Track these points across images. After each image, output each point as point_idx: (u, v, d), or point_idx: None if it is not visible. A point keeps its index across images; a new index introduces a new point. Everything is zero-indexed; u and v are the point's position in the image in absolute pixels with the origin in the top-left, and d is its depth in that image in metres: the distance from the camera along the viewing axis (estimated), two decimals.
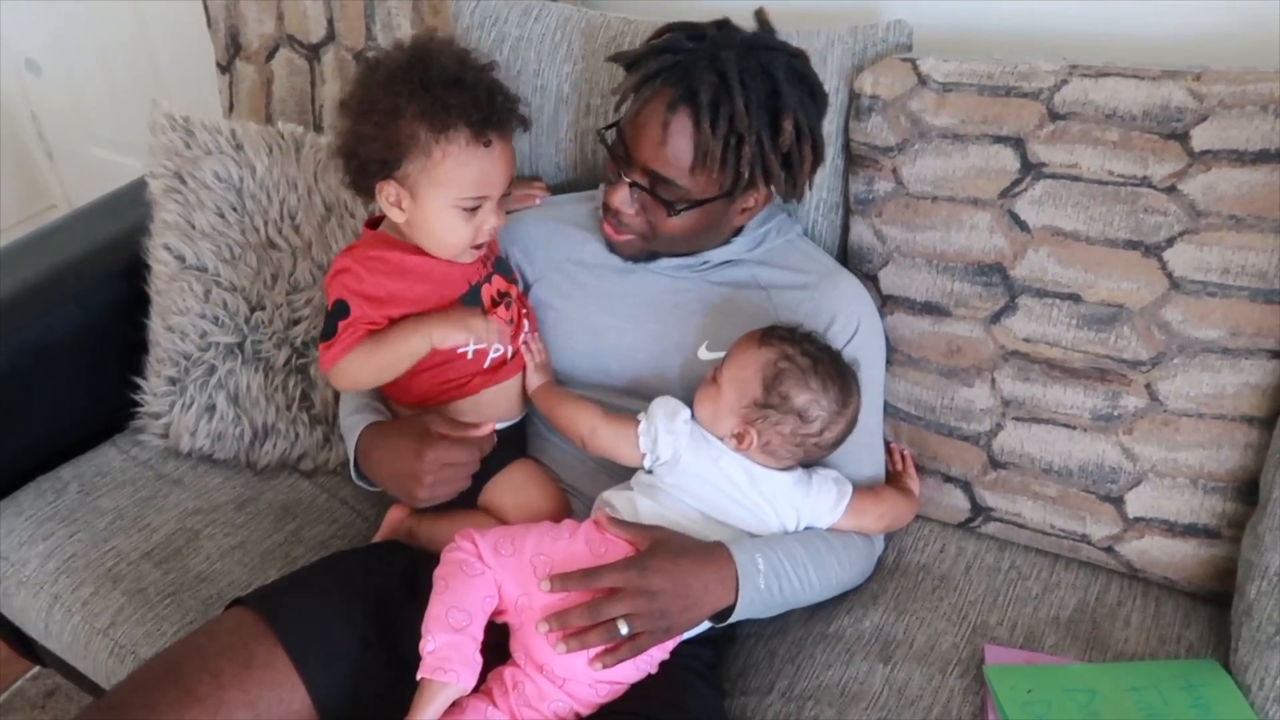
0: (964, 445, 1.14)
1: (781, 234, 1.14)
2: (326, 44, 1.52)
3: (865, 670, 1.02)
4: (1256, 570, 0.93)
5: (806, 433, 0.96)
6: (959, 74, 1.09)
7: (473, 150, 0.96)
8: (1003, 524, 1.15)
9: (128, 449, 1.38)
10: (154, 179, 1.34)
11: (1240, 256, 0.97)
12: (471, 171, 0.97)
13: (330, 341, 1.00)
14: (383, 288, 1.01)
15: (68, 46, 2.33)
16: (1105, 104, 1.02)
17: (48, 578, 1.21)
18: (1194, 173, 0.98)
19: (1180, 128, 0.99)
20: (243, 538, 1.24)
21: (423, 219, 0.99)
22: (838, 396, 0.96)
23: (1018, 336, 1.08)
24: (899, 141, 1.11)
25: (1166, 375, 1.02)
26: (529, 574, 0.92)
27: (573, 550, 0.94)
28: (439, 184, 0.97)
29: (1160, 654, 1.02)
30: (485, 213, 1.00)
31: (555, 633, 0.89)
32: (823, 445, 0.98)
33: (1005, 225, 1.07)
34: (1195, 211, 0.98)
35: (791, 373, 0.95)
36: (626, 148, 1.02)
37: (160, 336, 1.34)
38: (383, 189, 0.99)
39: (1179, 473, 1.03)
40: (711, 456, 0.97)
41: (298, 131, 1.34)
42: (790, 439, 0.96)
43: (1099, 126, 1.02)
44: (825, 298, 1.08)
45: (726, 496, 0.97)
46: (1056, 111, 1.04)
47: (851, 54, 1.16)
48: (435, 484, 1.01)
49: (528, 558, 0.93)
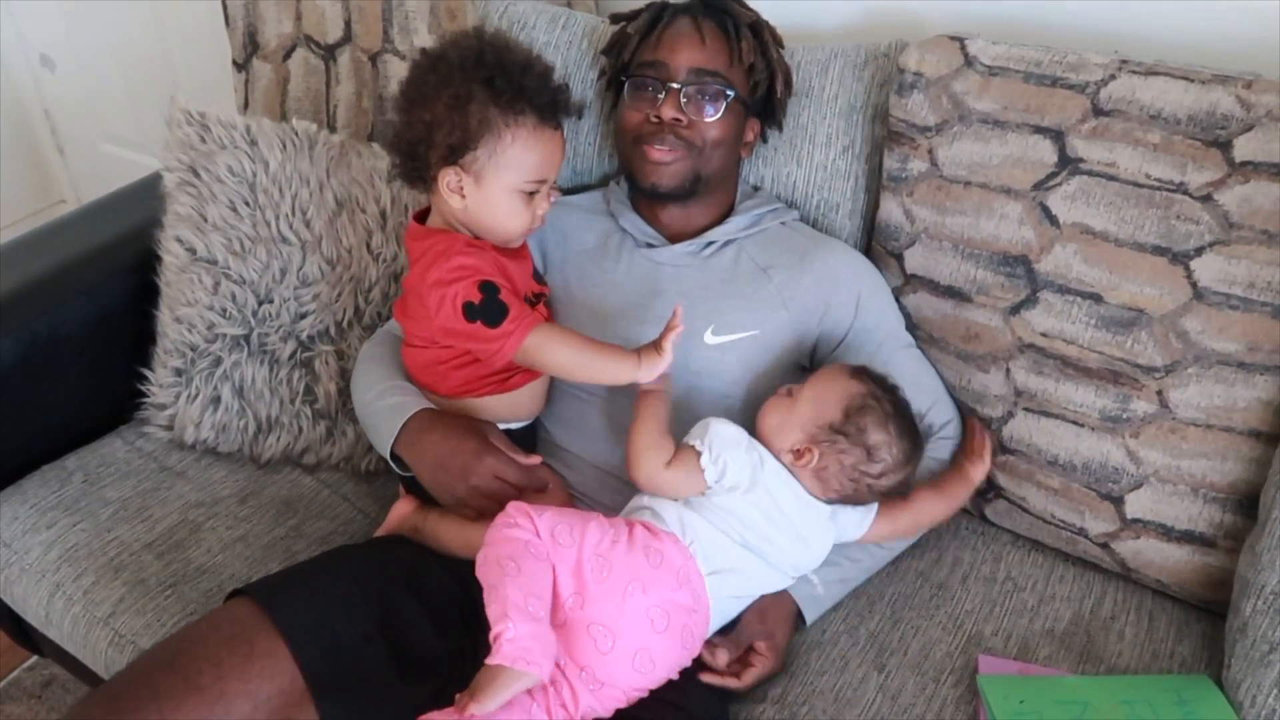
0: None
1: (777, 216, 1.18)
2: (343, 45, 1.54)
3: (859, 677, 1.02)
4: (1253, 588, 0.94)
5: (867, 470, 0.97)
6: (1007, 58, 1.09)
7: (539, 133, 0.99)
8: (1009, 504, 1.17)
9: (132, 440, 1.38)
10: (169, 172, 1.35)
11: (1268, 272, 0.97)
12: (537, 155, 1.00)
13: (509, 318, 0.96)
14: (501, 271, 1.01)
15: (82, 42, 2.34)
16: (1151, 104, 1.02)
17: (50, 566, 1.21)
18: (1232, 183, 0.98)
19: (1224, 136, 0.99)
20: (244, 531, 1.25)
21: (486, 203, 1.00)
22: (908, 450, 0.98)
23: (1035, 330, 1.09)
24: (938, 122, 1.11)
25: (1179, 384, 1.02)
26: (585, 573, 0.92)
27: (631, 561, 0.93)
28: (506, 167, 0.98)
29: (1153, 668, 1.03)
30: (541, 198, 1.02)
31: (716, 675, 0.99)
32: (875, 489, 0.99)
33: (1036, 218, 1.07)
34: (1228, 223, 0.98)
35: (875, 411, 0.97)
36: (664, 65, 1.11)
37: (168, 328, 1.35)
38: (444, 176, 1.00)
39: (1181, 480, 1.04)
40: (767, 486, 0.97)
41: (311, 129, 1.36)
42: (849, 471, 0.97)
43: (1142, 127, 1.02)
44: (824, 268, 1.13)
45: (770, 523, 0.97)
46: (1101, 107, 1.04)
47: (853, 66, 1.20)
48: (477, 490, 1.02)
49: (587, 555, 0.92)
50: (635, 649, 0.90)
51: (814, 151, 1.21)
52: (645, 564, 0.93)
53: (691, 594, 0.94)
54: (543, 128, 0.99)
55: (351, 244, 1.33)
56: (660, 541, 0.95)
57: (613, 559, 0.93)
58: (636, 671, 0.91)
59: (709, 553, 0.96)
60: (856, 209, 1.22)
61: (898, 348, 1.15)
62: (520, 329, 0.97)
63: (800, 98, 1.21)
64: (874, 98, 1.19)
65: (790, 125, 1.22)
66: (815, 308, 1.11)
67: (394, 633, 0.98)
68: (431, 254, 1.01)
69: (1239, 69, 1.02)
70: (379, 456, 1.33)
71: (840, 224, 1.23)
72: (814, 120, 1.21)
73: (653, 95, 1.11)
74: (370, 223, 1.33)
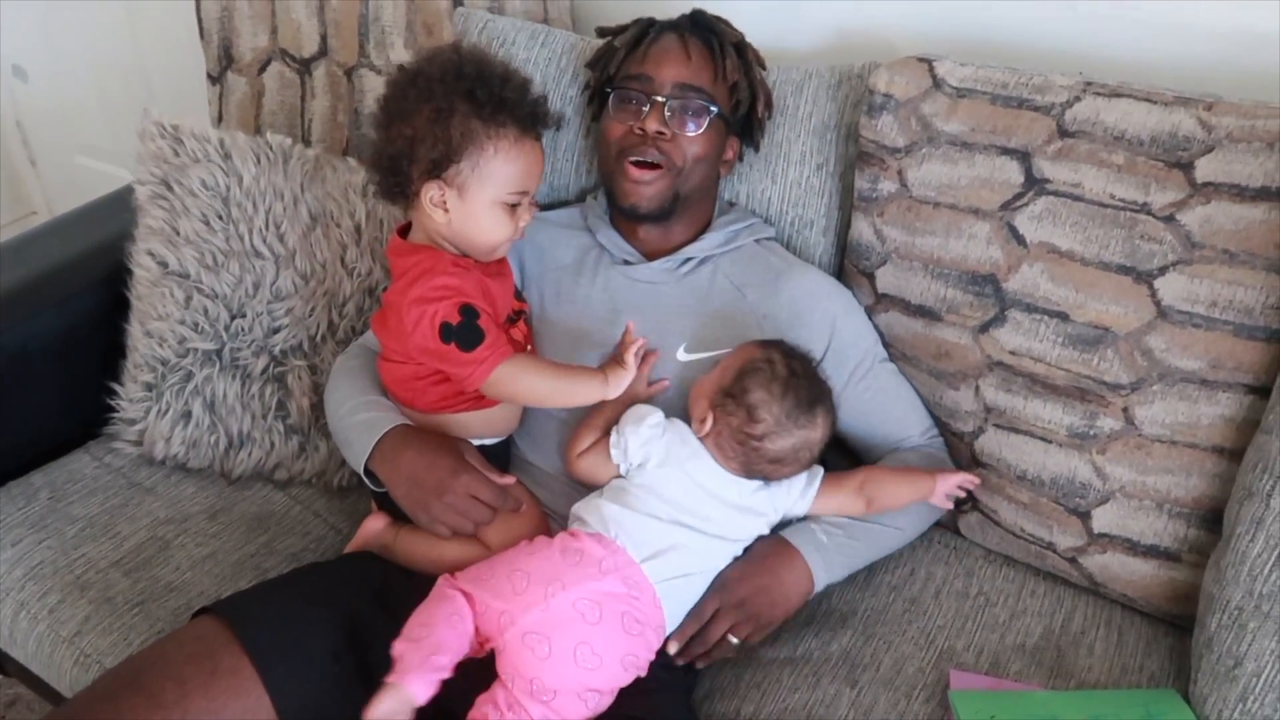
0: (952, 439, 1.19)
1: (753, 234, 1.19)
2: (319, 59, 1.54)
3: (832, 694, 1.03)
4: (1217, 603, 0.95)
5: (750, 432, 0.97)
6: (974, 80, 1.11)
7: (521, 145, 1.00)
8: (982, 516, 1.18)
9: (101, 456, 1.37)
10: (141, 185, 1.34)
11: (1229, 291, 0.99)
12: (520, 166, 1.00)
13: (483, 345, 0.97)
14: (483, 292, 1.01)
15: (56, 53, 2.33)
16: (1115, 125, 1.03)
17: (14, 584, 1.19)
18: (1194, 204, 1.00)
19: (1186, 157, 1.00)
20: (214, 548, 1.23)
21: (469, 216, 1.00)
22: (792, 411, 0.98)
23: (1004, 348, 1.10)
24: (907, 144, 1.13)
25: (1144, 400, 1.04)
26: (508, 589, 0.93)
27: (548, 565, 0.94)
28: (489, 179, 0.99)
29: (1123, 682, 1.03)
30: (523, 209, 1.03)
31: (685, 657, 1.00)
32: (763, 454, 0.98)
33: (1003, 238, 1.09)
34: (1190, 243, 1.00)
35: (762, 372, 0.98)
36: (648, 79, 1.12)
37: (139, 342, 1.34)
38: (427, 190, 0.99)
39: (1146, 495, 1.05)
40: (680, 459, 0.99)
41: (286, 143, 1.35)
42: (735, 434, 0.98)
43: (1106, 148, 1.04)
44: (798, 289, 1.14)
45: (690, 495, 0.99)
46: (1066, 128, 1.06)
47: (827, 86, 1.21)
48: (451, 509, 1.01)
49: (505, 573, 0.94)
50: (573, 645, 0.90)
51: (788, 168, 1.23)
52: (563, 563, 0.94)
53: (622, 580, 0.94)
54: (524, 139, 1.00)
55: (326, 258, 1.32)
56: (580, 541, 0.97)
57: (529, 568, 0.94)
58: (582, 668, 0.90)
59: (639, 538, 0.97)
60: (830, 226, 1.23)
61: (875, 363, 1.17)
62: (493, 357, 0.98)
63: (775, 115, 1.23)
64: (847, 117, 1.21)
65: (766, 142, 1.23)
66: (788, 328, 1.12)
67: (363, 650, 0.97)
68: (415, 270, 1.00)
69: (1200, 91, 1.04)
70: (352, 472, 1.33)
71: (814, 241, 1.24)
72: (788, 138, 1.22)
73: (637, 107, 1.12)
74: (345, 237, 1.33)
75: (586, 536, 0.97)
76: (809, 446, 1.00)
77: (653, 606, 0.95)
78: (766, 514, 1.03)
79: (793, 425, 0.98)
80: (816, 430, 1.00)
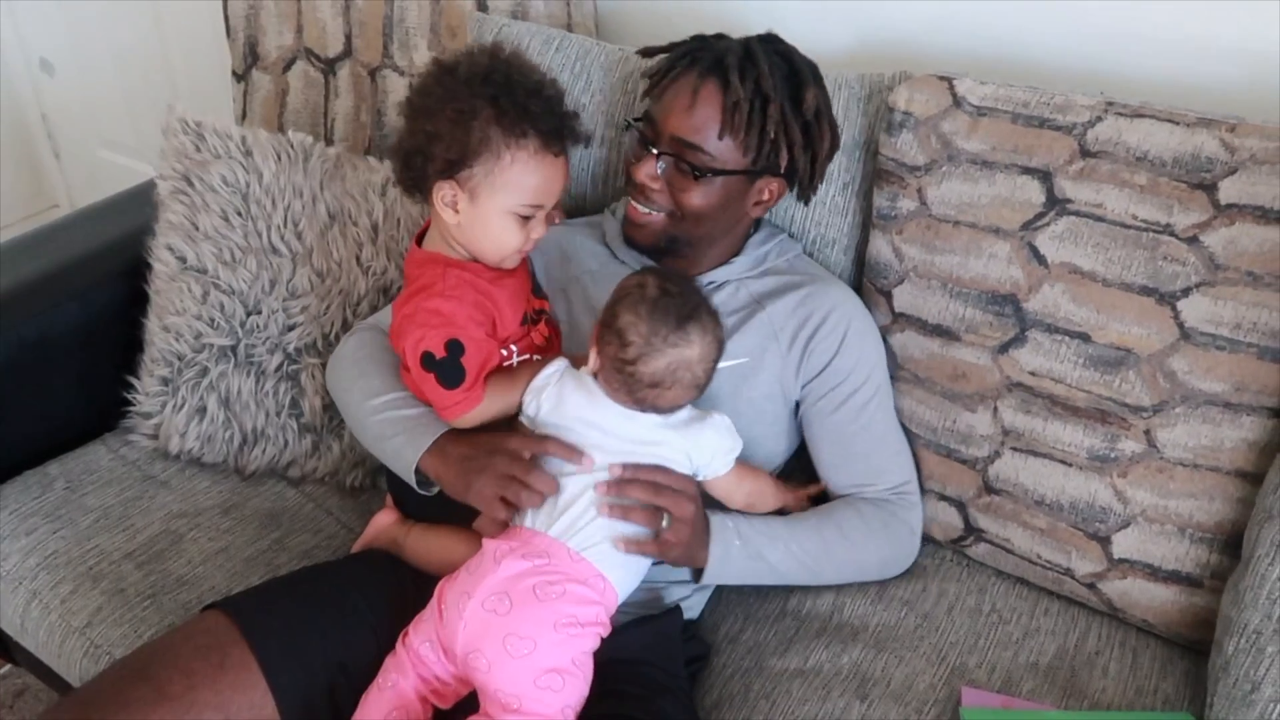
0: (961, 468, 1.15)
1: (782, 254, 1.16)
2: (343, 59, 1.55)
3: (841, 707, 1.02)
4: (1235, 626, 0.94)
5: (623, 357, 0.93)
6: (995, 99, 1.10)
7: (540, 158, 0.98)
8: (992, 547, 1.16)
9: (117, 448, 1.37)
10: (163, 180, 1.35)
11: (1254, 313, 0.98)
12: (536, 180, 0.98)
13: (460, 387, 0.98)
14: (482, 311, 1.00)
15: (83, 48, 2.35)
16: (1137, 146, 1.03)
17: (28, 573, 1.20)
18: (1217, 225, 0.99)
19: (1209, 179, 1.00)
20: (226, 543, 1.23)
21: (479, 221, 0.99)
22: (659, 329, 0.92)
23: (1024, 369, 1.09)
24: (927, 162, 1.12)
25: (1167, 423, 1.02)
26: (441, 623, 0.93)
27: (454, 587, 0.94)
28: (502, 189, 0.97)
29: (1137, 704, 1.02)
30: (537, 222, 1.01)
31: (608, 507, 0.94)
32: (639, 377, 0.93)
33: (1024, 258, 1.08)
34: (1214, 264, 0.99)
35: (632, 297, 0.94)
36: (655, 122, 1.06)
37: (156, 336, 1.34)
38: (440, 189, 0.98)
39: (1168, 519, 1.04)
40: (577, 404, 0.97)
41: (307, 141, 1.36)
42: (614, 363, 0.94)
43: (1128, 168, 1.03)
44: (814, 300, 1.11)
45: (589, 440, 0.96)
46: (1088, 149, 1.05)
47: (857, 99, 1.19)
48: (496, 471, 0.96)
49: (431, 612, 0.95)
50: (500, 643, 0.89)
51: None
52: (465, 576, 0.94)
53: (521, 557, 0.92)
54: (544, 153, 0.98)
55: (342, 257, 1.33)
56: (485, 545, 0.96)
57: (446, 599, 0.94)
58: (520, 659, 0.89)
59: (544, 505, 0.95)
60: (852, 245, 1.22)
61: (873, 396, 1.12)
62: (466, 402, 0.98)
63: None
64: (877, 132, 1.18)
65: None
66: (803, 334, 1.10)
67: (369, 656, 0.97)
68: (417, 285, 1.01)
69: (1224, 112, 1.03)
70: (365, 472, 1.33)
71: (836, 259, 1.22)
72: None
73: (641, 149, 1.08)
74: (361, 235, 1.33)
75: (487, 540, 0.96)
76: (685, 365, 0.93)
77: (568, 561, 0.93)
78: (676, 459, 0.97)
79: (662, 344, 0.92)
80: (691, 347, 0.93)
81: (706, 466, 1.00)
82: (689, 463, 0.99)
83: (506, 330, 1.03)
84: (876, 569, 1.14)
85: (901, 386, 1.18)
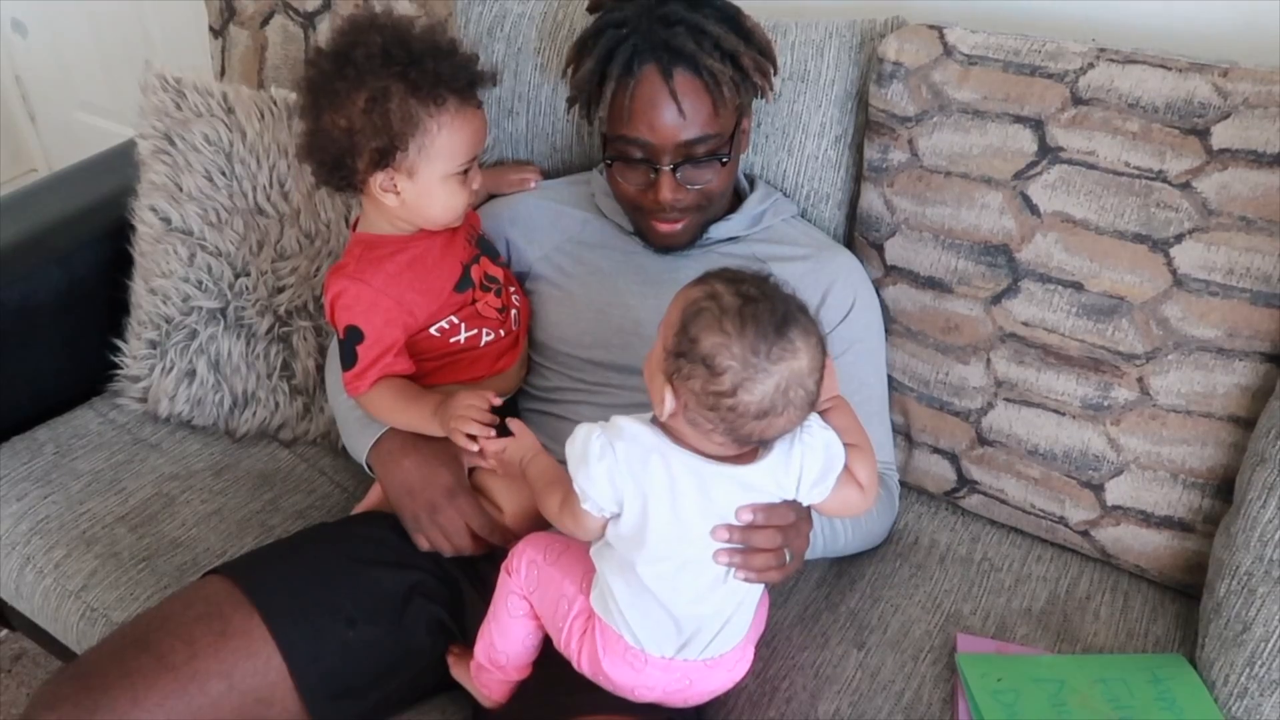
0: (954, 420, 1.16)
1: (778, 214, 1.16)
2: (322, 12, 1.51)
3: (839, 654, 1.03)
4: (1227, 569, 0.95)
5: (717, 390, 0.74)
6: (985, 47, 1.09)
7: (462, 116, 0.97)
8: (985, 498, 1.17)
9: (105, 412, 1.36)
10: (143, 140, 1.33)
11: (1246, 258, 0.97)
12: (464, 137, 0.97)
13: (352, 371, 1.01)
14: (387, 295, 1.00)
15: (55, 8, 2.29)
16: (1129, 93, 1.02)
17: (20, 539, 1.20)
18: (1210, 171, 0.98)
19: (1201, 124, 0.99)
20: (219, 505, 1.23)
21: (423, 194, 0.98)
22: (757, 345, 0.73)
23: (1017, 319, 1.09)
24: (918, 112, 1.11)
25: (1159, 370, 1.03)
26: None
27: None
28: (436, 157, 0.96)
29: (1128, 647, 1.04)
30: (474, 173, 1.01)
31: (738, 569, 0.81)
32: (743, 413, 0.74)
33: (1016, 207, 1.07)
34: (1207, 210, 0.99)
35: (709, 312, 0.75)
36: (643, 142, 1.01)
37: (142, 299, 1.33)
38: (375, 179, 0.97)
39: (1161, 466, 1.05)
40: (660, 485, 0.78)
41: (290, 98, 1.33)
42: (704, 401, 0.75)
43: (1120, 115, 1.02)
44: (822, 270, 1.11)
45: (686, 531, 0.79)
46: (1080, 96, 1.04)
47: (849, 48, 1.16)
48: (439, 530, 1.00)
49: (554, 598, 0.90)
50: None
51: (806, 141, 1.18)
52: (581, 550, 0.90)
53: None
54: (464, 108, 0.96)
55: (330, 218, 1.31)
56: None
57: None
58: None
59: (656, 635, 0.84)
60: (845, 199, 1.21)
61: (867, 375, 1.11)
62: (355, 385, 1.02)
63: (796, 82, 1.16)
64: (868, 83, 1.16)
65: (784, 113, 1.17)
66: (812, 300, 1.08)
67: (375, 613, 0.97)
68: (336, 265, 1.03)
69: (1215, 57, 1.02)
70: None
71: (830, 215, 1.21)
72: (809, 108, 1.16)
73: (645, 174, 1.03)
74: (350, 196, 1.31)
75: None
76: (797, 380, 0.75)
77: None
78: (765, 485, 0.81)
79: (765, 361, 0.73)
80: (799, 357, 0.74)
81: (804, 495, 0.83)
82: (778, 490, 0.82)
83: (435, 300, 1.02)
84: (860, 544, 1.13)
85: (893, 341, 1.18)
